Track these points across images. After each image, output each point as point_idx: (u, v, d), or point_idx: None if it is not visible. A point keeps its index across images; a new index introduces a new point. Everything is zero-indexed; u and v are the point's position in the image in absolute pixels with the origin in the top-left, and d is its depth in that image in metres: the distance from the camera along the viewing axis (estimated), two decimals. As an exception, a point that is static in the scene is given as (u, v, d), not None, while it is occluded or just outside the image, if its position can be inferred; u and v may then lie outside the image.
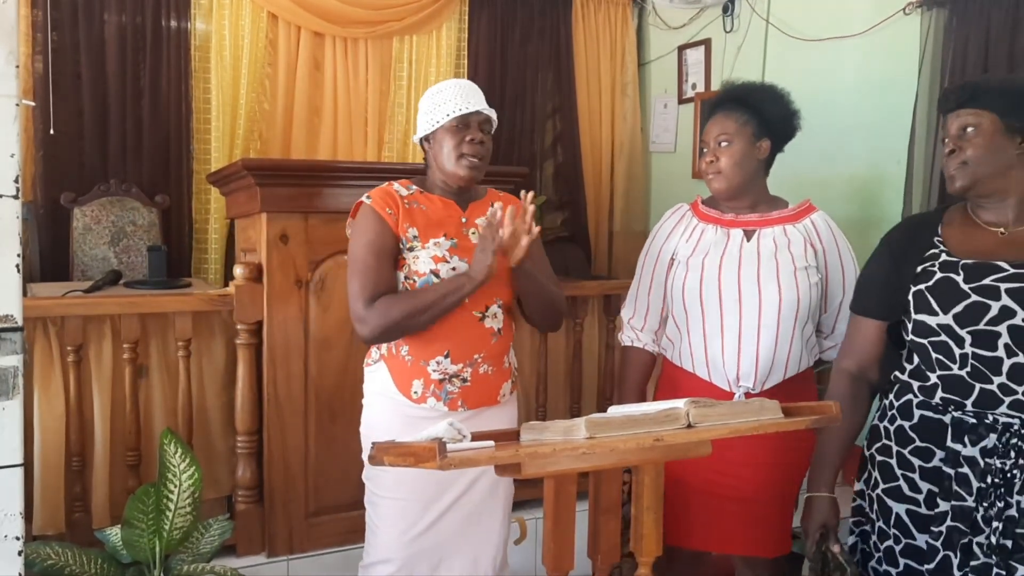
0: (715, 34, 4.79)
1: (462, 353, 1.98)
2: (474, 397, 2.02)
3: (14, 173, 1.26)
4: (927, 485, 1.71)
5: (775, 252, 2.03)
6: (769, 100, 2.09)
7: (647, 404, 1.71)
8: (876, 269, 1.88)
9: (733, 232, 2.08)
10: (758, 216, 2.09)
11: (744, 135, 2.03)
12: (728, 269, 2.03)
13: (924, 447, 1.72)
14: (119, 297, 2.81)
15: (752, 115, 2.05)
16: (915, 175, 3.49)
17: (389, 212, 1.99)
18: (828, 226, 2.10)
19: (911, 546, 1.73)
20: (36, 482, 2.53)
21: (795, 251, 2.04)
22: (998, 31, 3.22)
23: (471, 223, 2.06)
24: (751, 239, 2.06)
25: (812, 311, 2.05)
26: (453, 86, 2.03)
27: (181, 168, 4.34)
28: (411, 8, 4.69)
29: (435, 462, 1.31)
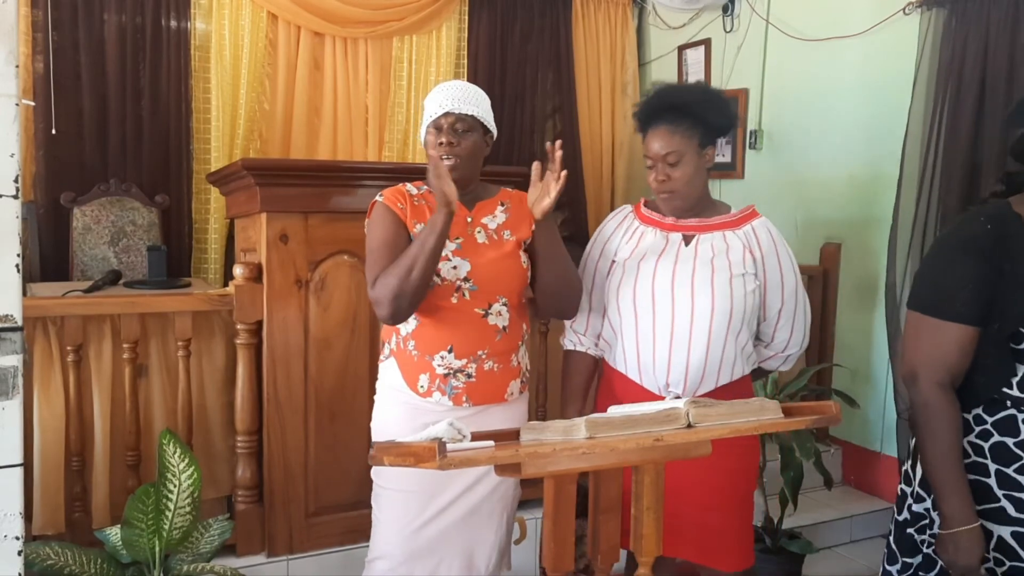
0: (715, 34, 4.80)
1: (466, 349, 2.00)
2: (479, 393, 2.03)
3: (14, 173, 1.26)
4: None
5: (712, 258, 1.98)
6: (712, 107, 2.00)
7: (647, 404, 1.70)
8: (965, 269, 1.63)
9: (672, 236, 2.04)
10: (698, 221, 2.04)
11: (692, 149, 1.97)
12: (662, 273, 1.99)
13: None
14: (119, 297, 2.81)
15: (696, 125, 1.97)
16: (907, 174, 3.49)
17: (400, 207, 2.03)
18: (769, 233, 2.03)
19: (1018, 569, 1.61)
20: (36, 482, 2.53)
21: (733, 257, 1.99)
22: (997, 31, 3.22)
23: (477, 222, 2.06)
24: (690, 244, 2.02)
25: (748, 319, 2.00)
26: (436, 91, 2.03)
27: (181, 168, 4.34)
28: (411, 8, 4.69)
29: (435, 462, 1.31)
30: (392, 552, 2.06)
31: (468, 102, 2.00)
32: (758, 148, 4.50)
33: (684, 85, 2.16)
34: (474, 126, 2.01)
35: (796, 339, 2.09)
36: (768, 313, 2.04)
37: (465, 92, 2.02)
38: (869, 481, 3.84)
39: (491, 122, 2.07)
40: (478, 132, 2.02)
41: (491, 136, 2.08)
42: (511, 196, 2.16)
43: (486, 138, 2.07)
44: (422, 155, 4.74)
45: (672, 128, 1.96)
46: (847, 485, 3.92)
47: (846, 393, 3.21)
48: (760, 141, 4.49)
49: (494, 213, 2.10)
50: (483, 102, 2.04)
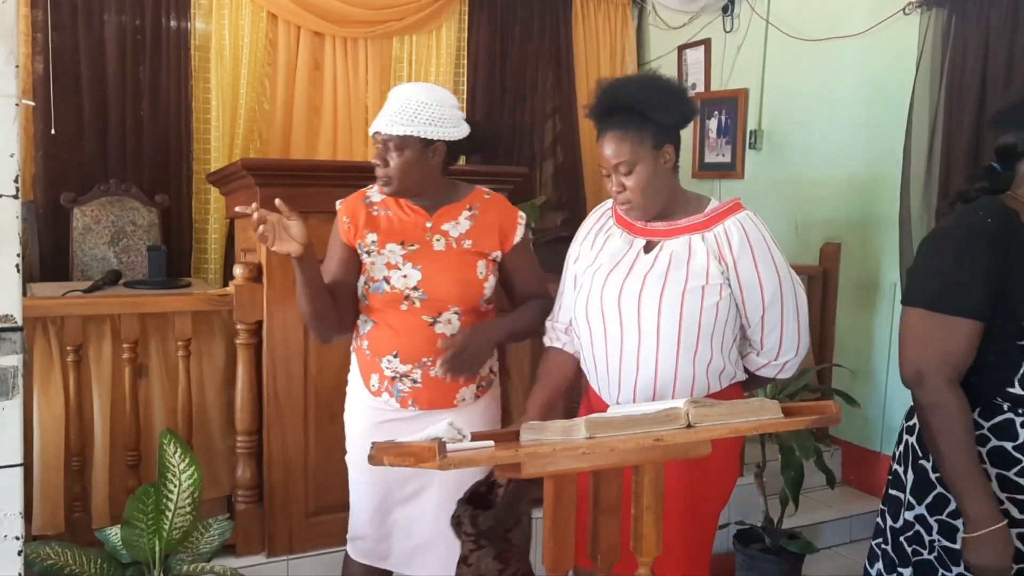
0: (715, 34, 4.80)
1: (410, 355, 2.01)
2: (425, 398, 2.04)
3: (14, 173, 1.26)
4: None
5: (668, 267, 1.81)
6: (661, 101, 1.79)
7: (647, 404, 1.71)
8: (972, 263, 1.58)
9: (636, 242, 1.88)
10: (666, 225, 1.86)
11: (644, 153, 1.78)
12: (611, 287, 1.85)
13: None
14: (119, 297, 2.81)
15: (646, 125, 1.77)
16: (912, 175, 3.49)
17: (345, 221, 2.08)
18: (743, 233, 1.80)
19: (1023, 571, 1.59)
20: (36, 482, 2.54)
21: (694, 267, 1.79)
22: (997, 31, 3.22)
23: (436, 229, 2.04)
24: (651, 251, 1.85)
25: (713, 333, 1.80)
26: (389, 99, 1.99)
27: (181, 168, 4.34)
28: (411, 8, 4.69)
29: (435, 462, 1.31)
30: (366, 534, 2.15)
31: (400, 119, 1.92)
32: (758, 148, 4.50)
33: (630, 80, 1.92)
34: (407, 143, 1.94)
35: (789, 345, 1.88)
36: (751, 319, 1.85)
37: (401, 107, 1.94)
38: (869, 481, 3.84)
39: (436, 130, 1.95)
40: (413, 147, 1.94)
41: (440, 143, 1.99)
42: (483, 201, 2.11)
43: (432, 148, 1.98)
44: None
45: (621, 133, 1.79)
46: (847, 485, 3.92)
47: (846, 393, 3.21)
48: (760, 141, 4.49)
49: (457, 219, 2.07)
50: (423, 112, 1.94)
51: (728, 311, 1.82)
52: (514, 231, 2.12)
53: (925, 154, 3.46)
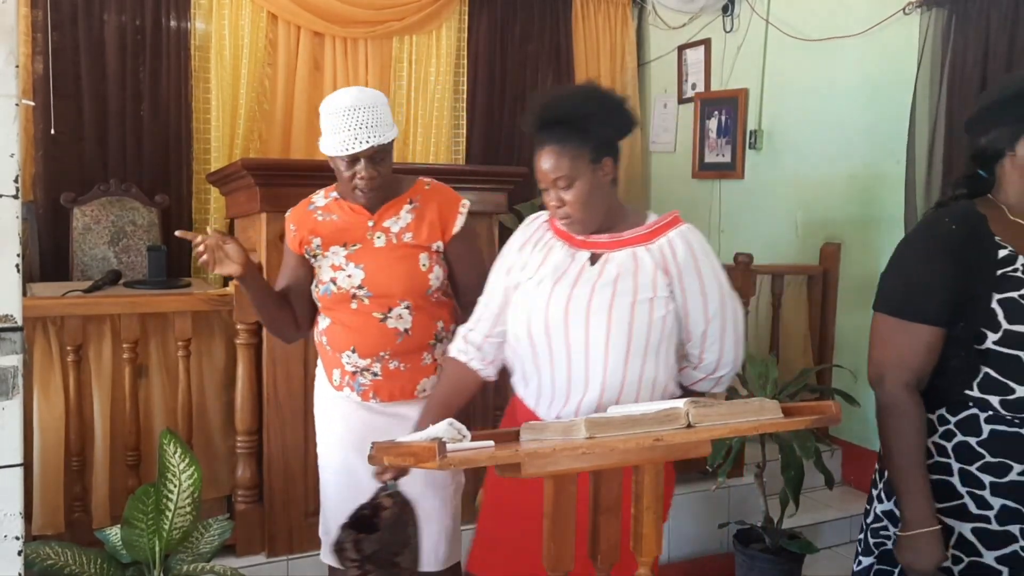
0: (715, 34, 4.80)
1: (367, 350, 2.06)
2: (386, 391, 2.09)
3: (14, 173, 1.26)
4: (1000, 500, 1.61)
5: (616, 280, 1.76)
6: (598, 114, 1.75)
7: (647, 404, 1.71)
8: (932, 270, 1.64)
9: (579, 254, 1.82)
10: (610, 237, 1.81)
11: (582, 167, 1.73)
12: (557, 300, 1.78)
13: (998, 463, 1.61)
14: (119, 297, 2.81)
15: (583, 139, 1.73)
16: (916, 175, 3.49)
17: (292, 228, 2.14)
18: (688, 246, 1.78)
19: (977, 564, 1.63)
20: (36, 482, 2.53)
21: (641, 279, 1.75)
22: (997, 31, 3.22)
23: (378, 226, 2.07)
24: (596, 263, 1.79)
25: (659, 347, 1.76)
26: (345, 114, 1.95)
27: (181, 168, 4.34)
28: (411, 8, 4.69)
29: (435, 462, 1.31)
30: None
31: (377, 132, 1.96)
32: (758, 148, 4.50)
33: (567, 92, 1.89)
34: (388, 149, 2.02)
35: (727, 359, 1.84)
36: (692, 334, 1.81)
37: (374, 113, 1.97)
38: (869, 481, 3.83)
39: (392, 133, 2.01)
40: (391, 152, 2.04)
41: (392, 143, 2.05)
42: (422, 193, 2.13)
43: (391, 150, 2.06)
44: (422, 155, 4.78)
45: (559, 148, 1.73)
46: (847, 485, 3.92)
47: (846, 393, 3.20)
48: (760, 141, 4.49)
49: (399, 214, 2.09)
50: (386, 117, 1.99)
51: (672, 325, 1.78)
52: (454, 220, 2.11)
53: (927, 154, 3.46)
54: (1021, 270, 1.59)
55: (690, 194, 5.00)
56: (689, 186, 5.00)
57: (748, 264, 3.51)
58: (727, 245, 4.54)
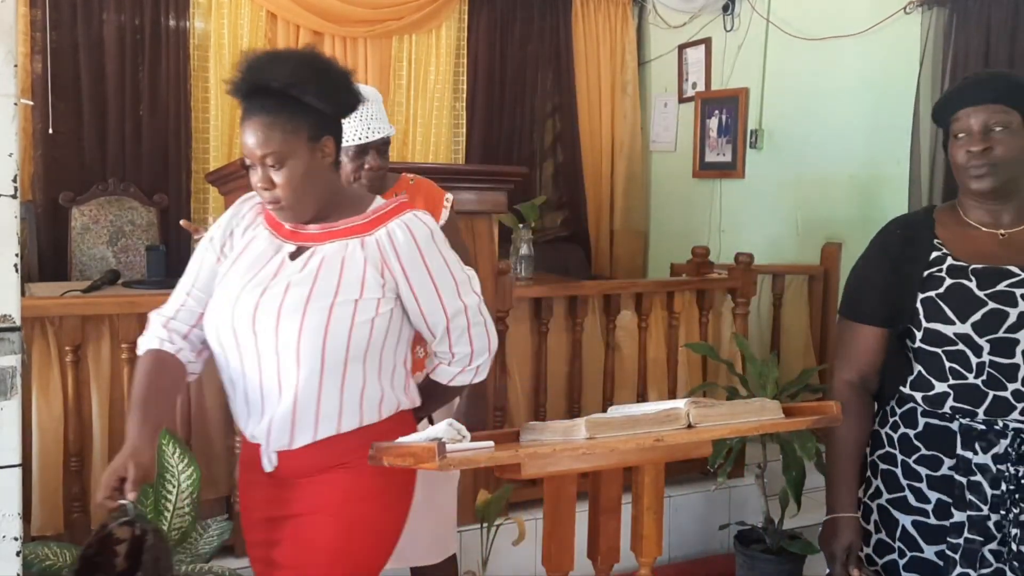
0: (715, 33, 4.79)
1: None
2: None
3: (12, 172, 1.26)
4: (936, 495, 1.65)
5: (315, 278, 1.55)
6: (319, 85, 1.54)
7: (647, 404, 1.70)
8: (872, 273, 1.75)
9: (284, 247, 1.60)
10: (321, 228, 1.60)
11: (298, 145, 1.52)
12: (246, 301, 1.56)
13: (931, 455, 1.66)
14: (117, 297, 2.81)
15: (301, 113, 1.52)
16: (920, 175, 3.48)
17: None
18: (410, 236, 1.57)
19: (917, 559, 1.67)
20: (34, 482, 2.53)
21: (349, 277, 1.54)
22: (998, 30, 3.22)
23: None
24: (298, 258, 1.58)
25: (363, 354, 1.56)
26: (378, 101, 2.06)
27: (180, 167, 4.34)
28: (410, 7, 4.68)
29: (434, 462, 1.31)
30: None
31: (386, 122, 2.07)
32: (758, 148, 4.50)
33: (282, 56, 1.63)
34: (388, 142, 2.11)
35: (480, 345, 1.66)
36: (435, 331, 1.63)
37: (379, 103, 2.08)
38: (869, 481, 3.84)
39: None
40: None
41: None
42: (407, 188, 2.16)
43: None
44: (422, 154, 4.78)
45: (270, 120, 1.51)
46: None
47: (846, 393, 3.20)
48: (760, 141, 4.48)
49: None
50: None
51: (388, 330, 1.58)
52: (439, 214, 2.12)
53: (930, 154, 3.45)
54: (945, 270, 1.64)
55: (690, 194, 5.00)
56: (689, 186, 5.00)
57: (748, 264, 3.51)
58: (727, 245, 4.54)
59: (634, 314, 3.39)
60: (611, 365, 3.36)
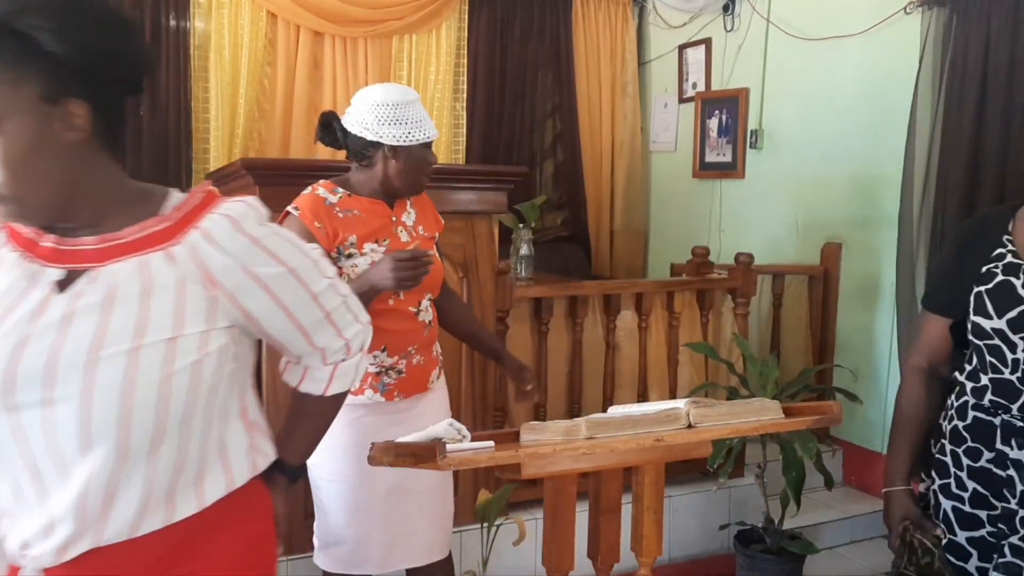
0: (715, 33, 4.79)
1: (398, 346, 2.06)
2: (408, 386, 2.10)
3: (11, 172, 1.25)
4: (973, 484, 1.71)
5: (102, 313, 1.07)
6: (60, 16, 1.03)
7: (647, 404, 1.70)
8: (943, 265, 1.85)
9: (45, 274, 1.10)
10: (96, 241, 1.11)
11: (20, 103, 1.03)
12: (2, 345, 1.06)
13: (975, 447, 1.72)
14: (118, 297, 2.80)
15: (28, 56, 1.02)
16: (914, 174, 3.48)
17: (319, 226, 1.98)
18: (238, 227, 1.15)
19: (953, 542, 1.74)
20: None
21: (158, 307, 1.08)
22: (998, 31, 3.21)
23: (398, 221, 2.11)
24: (68, 288, 1.09)
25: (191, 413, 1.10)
26: (417, 104, 2.05)
27: (180, 167, 4.33)
28: (411, 7, 4.68)
29: (435, 462, 1.31)
30: (342, 539, 2.10)
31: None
32: (758, 148, 4.50)
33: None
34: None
35: (344, 321, 1.29)
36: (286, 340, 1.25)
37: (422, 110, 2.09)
38: (870, 482, 3.83)
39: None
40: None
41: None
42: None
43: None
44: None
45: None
46: (848, 485, 3.91)
47: (848, 392, 3.20)
48: (760, 141, 4.48)
49: (407, 208, 2.15)
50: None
51: (221, 374, 1.14)
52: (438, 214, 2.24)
53: (926, 154, 3.45)
54: (1001, 267, 1.67)
55: (690, 194, 5.00)
56: (689, 186, 5.00)
57: (748, 264, 3.51)
58: (727, 245, 4.54)
59: (634, 314, 3.39)
60: (611, 365, 3.36)
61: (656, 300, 3.43)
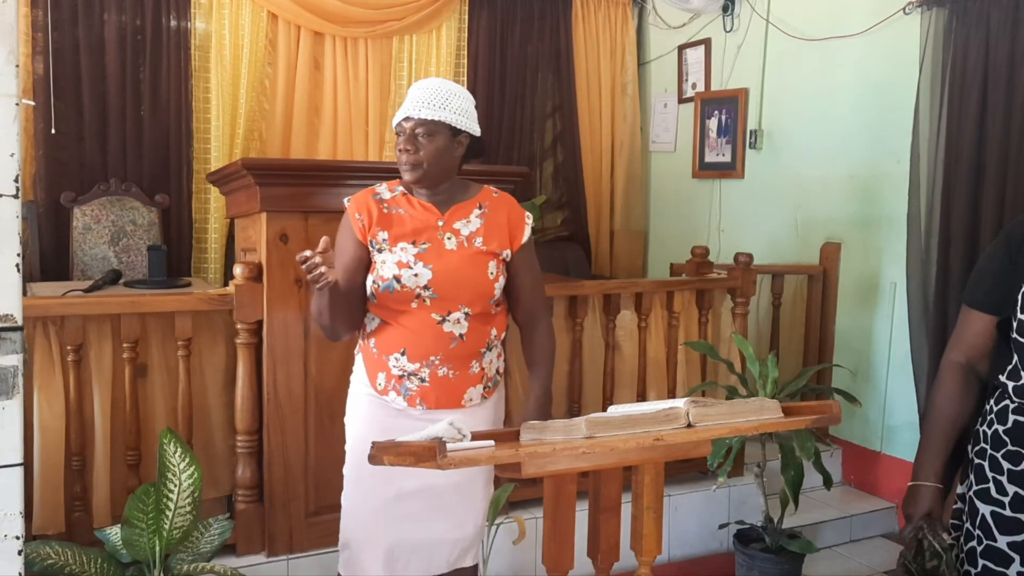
0: (715, 34, 4.80)
1: (417, 353, 2.00)
2: (432, 398, 2.03)
3: (14, 173, 1.26)
4: (1014, 488, 1.69)
5: None
6: None
7: (647, 403, 1.71)
8: (990, 261, 1.80)
9: None
10: None
11: None
12: None
13: (1015, 451, 1.69)
14: (119, 297, 2.81)
15: None
16: (920, 175, 3.48)
17: (358, 217, 2.04)
18: None
19: (991, 548, 1.72)
20: (36, 481, 2.53)
21: None
22: (998, 31, 3.22)
23: (448, 227, 2.04)
24: None
25: None
26: (417, 87, 2.00)
27: (181, 167, 4.34)
28: (411, 8, 4.69)
29: (434, 461, 1.31)
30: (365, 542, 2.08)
31: (432, 105, 1.95)
32: (758, 148, 4.50)
33: None
34: (438, 129, 1.97)
35: None
36: None
37: (432, 94, 1.97)
38: (869, 481, 3.84)
39: (464, 121, 2.00)
40: (444, 135, 1.98)
41: (464, 135, 2.03)
42: (491, 200, 2.12)
43: (458, 139, 2.02)
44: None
45: None
46: (847, 485, 3.92)
47: (847, 391, 3.20)
48: (760, 141, 4.49)
49: (468, 218, 2.07)
50: (452, 101, 1.98)
51: None
52: (522, 231, 2.10)
53: (932, 154, 3.45)
54: None
55: (690, 194, 5.00)
56: (689, 186, 5.01)
57: (748, 264, 3.51)
58: (727, 245, 4.55)
59: (634, 314, 3.39)
60: (611, 365, 3.36)
61: (656, 300, 3.43)
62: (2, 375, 1.25)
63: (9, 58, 1.24)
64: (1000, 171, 3.20)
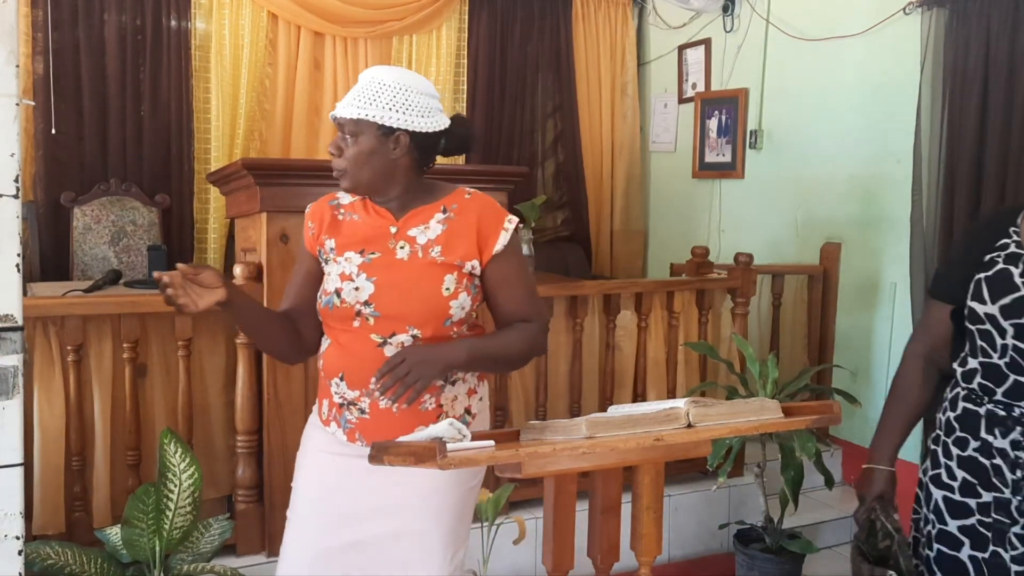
0: (715, 34, 4.80)
1: (357, 379, 1.73)
2: (372, 433, 1.72)
3: (14, 173, 1.26)
4: (962, 473, 1.76)
5: None
6: None
7: (647, 404, 1.71)
8: (954, 253, 1.92)
9: None
10: None
11: None
12: None
13: (963, 436, 1.76)
14: (119, 297, 2.81)
15: None
16: (922, 175, 3.48)
17: (310, 226, 1.84)
18: None
19: (943, 532, 1.78)
20: (36, 481, 2.53)
21: None
22: (998, 31, 3.22)
23: (402, 234, 1.75)
24: None
25: None
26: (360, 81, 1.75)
27: (181, 167, 4.34)
28: (411, 8, 4.69)
29: (435, 462, 1.31)
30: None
31: (355, 101, 1.69)
32: (758, 148, 4.50)
33: None
34: (361, 129, 1.69)
35: None
36: None
37: (359, 89, 1.71)
38: (869, 481, 3.84)
39: (397, 117, 1.68)
40: (369, 135, 1.69)
41: (403, 133, 1.70)
42: (461, 202, 1.79)
43: (393, 137, 1.70)
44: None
45: None
46: (847, 485, 3.91)
47: (846, 392, 3.20)
48: (760, 141, 4.49)
49: (428, 223, 1.76)
50: (383, 95, 1.68)
51: None
52: (496, 236, 1.76)
53: (935, 154, 3.45)
54: (1003, 256, 1.71)
55: (690, 194, 5.00)
56: (689, 186, 5.01)
57: (748, 264, 3.51)
58: (727, 245, 4.55)
59: (634, 314, 3.40)
60: (611, 365, 3.36)
61: (656, 300, 3.43)
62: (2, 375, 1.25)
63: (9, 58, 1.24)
64: (1001, 171, 3.20)
